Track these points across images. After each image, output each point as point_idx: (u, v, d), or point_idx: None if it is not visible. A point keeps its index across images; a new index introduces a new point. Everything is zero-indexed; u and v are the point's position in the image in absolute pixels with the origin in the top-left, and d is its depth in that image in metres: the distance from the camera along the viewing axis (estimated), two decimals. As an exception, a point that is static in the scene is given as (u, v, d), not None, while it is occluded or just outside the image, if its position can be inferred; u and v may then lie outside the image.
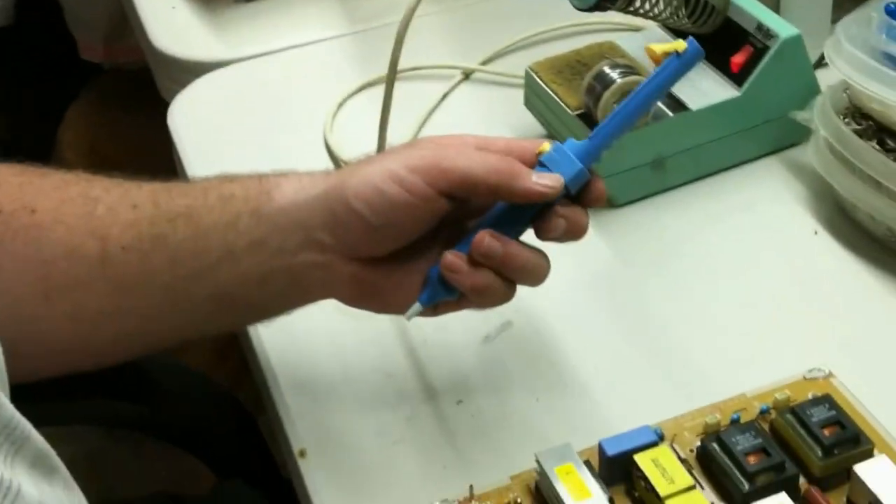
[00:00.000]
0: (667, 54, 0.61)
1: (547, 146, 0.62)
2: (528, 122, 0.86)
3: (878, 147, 0.74)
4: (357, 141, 0.81)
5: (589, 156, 0.62)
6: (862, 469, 0.58)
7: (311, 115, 0.91)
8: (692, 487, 0.58)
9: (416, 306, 0.62)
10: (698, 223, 0.80)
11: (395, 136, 0.79)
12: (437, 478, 0.63)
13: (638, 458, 0.59)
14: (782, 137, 0.84)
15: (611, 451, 0.60)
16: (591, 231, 0.64)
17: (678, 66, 0.61)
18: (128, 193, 0.62)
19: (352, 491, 0.63)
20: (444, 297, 0.62)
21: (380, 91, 0.78)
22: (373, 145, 0.78)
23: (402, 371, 0.70)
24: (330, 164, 0.87)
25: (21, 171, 0.62)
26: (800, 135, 0.84)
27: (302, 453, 0.65)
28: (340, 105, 0.92)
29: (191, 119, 0.94)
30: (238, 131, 0.91)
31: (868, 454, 0.60)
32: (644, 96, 0.62)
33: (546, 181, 0.60)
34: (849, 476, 0.59)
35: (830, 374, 0.66)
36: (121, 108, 1.49)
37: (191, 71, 0.99)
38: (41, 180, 0.62)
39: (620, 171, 0.79)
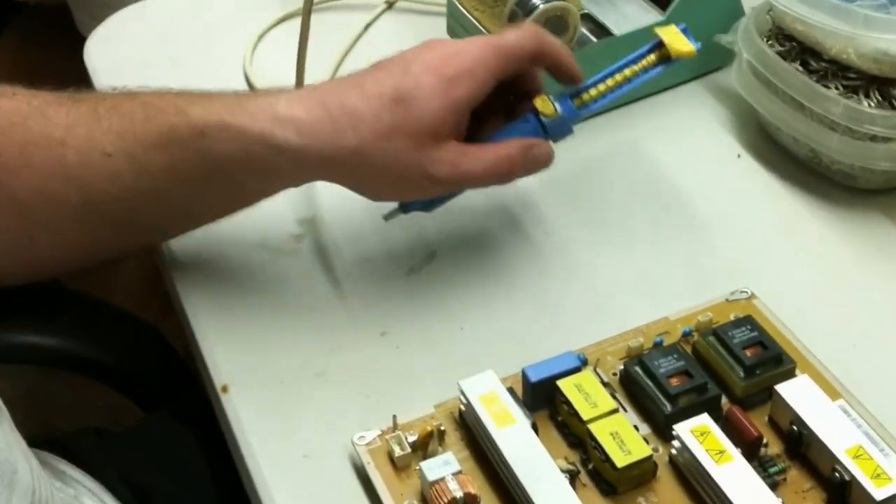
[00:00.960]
0: (679, 56, 0.68)
1: (549, 106, 0.67)
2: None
3: (800, 69, 0.73)
4: (277, 74, 0.79)
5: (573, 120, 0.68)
6: (783, 388, 0.58)
7: (231, 49, 0.89)
8: (615, 411, 0.58)
9: (396, 209, 0.68)
10: (622, 149, 0.79)
11: (315, 68, 0.78)
12: (361, 409, 0.63)
13: (561, 383, 0.59)
14: (706, 62, 0.84)
15: (534, 377, 0.60)
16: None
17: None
18: (93, 136, 0.62)
19: (275, 424, 0.63)
20: (421, 209, 0.68)
21: (300, 23, 0.76)
22: (293, 78, 0.77)
23: (325, 304, 0.69)
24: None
25: None
26: (724, 59, 0.83)
27: (224, 388, 0.64)
28: (260, 37, 0.90)
29: (108, 54, 0.91)
30: (156, 66, 0.89)
31: (790, 374, 0.60)
32: (639, 81, 0.69)
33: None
34: (770, 395, 0.59)
35: (753, 296, 0.66)
36: (41, 46, 1.45)
37: (108, 5, 0.96)
38: None
39: (544, 99, 0.78)
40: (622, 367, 0.62)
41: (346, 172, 0.64)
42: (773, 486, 0.56)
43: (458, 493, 0.54)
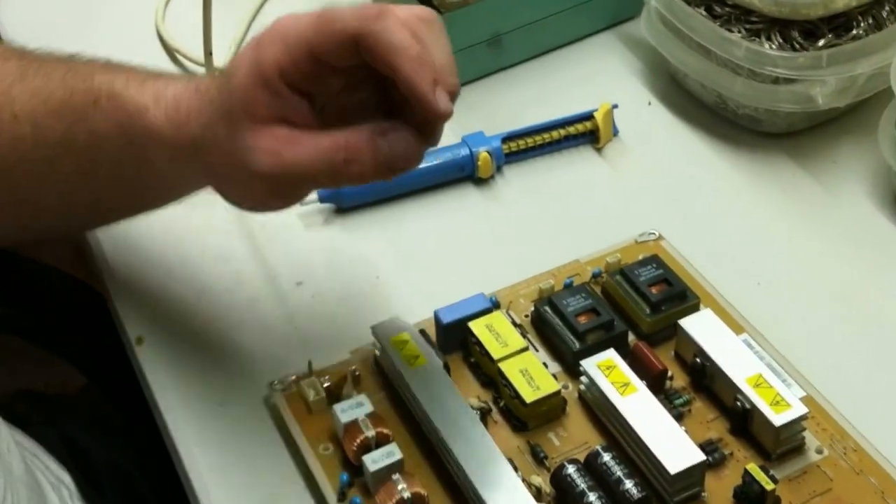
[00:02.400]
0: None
1: None
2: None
3: (705, 14, 0.74)
4: (191, 32, 0.79)
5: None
6: (687, 322, 0.60)
7: (143, 7, 0.89)
8: (525, 349, 0.59)
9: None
10: (535, 100, 0.80)
11: (223, 27, 0.78)
12: (277, 357, 0.63)
13: (472, 324, 0.60)
14: (617, 11, 0.85)
15: (446, 319, 0.61)
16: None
17: None
18: (10, 95, 0.60)
19: (191, 375, 0.63)
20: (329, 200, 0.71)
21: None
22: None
23: (240, 255, 0.69)
24: (164, 56, 0.85)
25: None
26: (634, 8, 0.84)
27: (139, 340, 0.64)
28: (172, -6, 0.90)
29: (20, 14, 0.90)
30: (66, 25, 0.88)
31: (694, 309, 0.62)
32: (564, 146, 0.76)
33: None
34: (676, 331, 0.61)
35: (660, 237, 0.68)
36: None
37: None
38: None
39: (457, 51, 0.78)
40: (533, 308, 0.63)
41: (196, 168, 0.56)
42: (679, 418, 0.57)
43: (371, 433, 0.55)
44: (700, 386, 0.59)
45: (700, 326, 0.60)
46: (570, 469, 0.54)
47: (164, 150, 0.56)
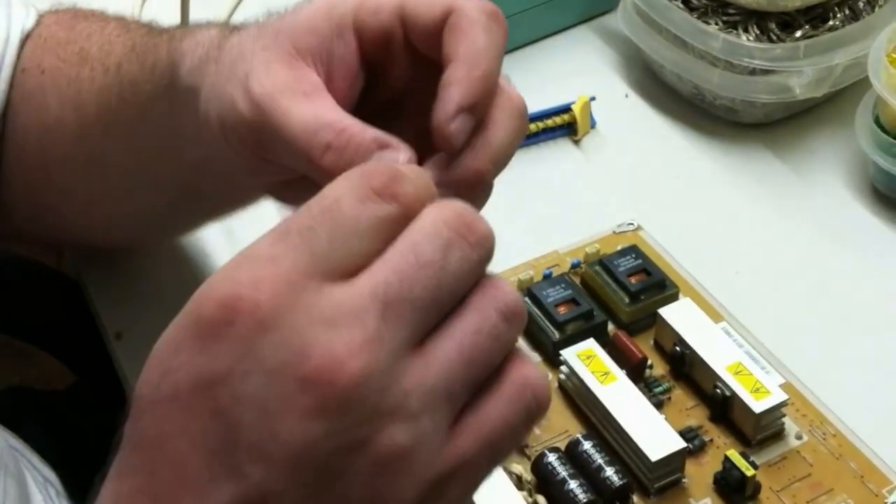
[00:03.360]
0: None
1: None
2: None
3: (682, 6, 0.75)
4: None
5: None
6: (666, 311, 0.60)
7: (119, 5, 0.88)
8: (504, 339, 0.59)
9: None
10: (513, 92, 0.80)
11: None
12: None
13: (451, 315, 0.60)
14: (593, 4, 0.85)
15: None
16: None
17: None
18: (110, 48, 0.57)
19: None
20: None
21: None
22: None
23: (220, 251, 0.69)
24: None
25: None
26: (611, 1, 0.84)
27: (118, 335, 0.64)
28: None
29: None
30: None
31: (673, 298, 0.62)
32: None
33: None
34: (655, 320, 0.61)
35: (639, 228, 0.68)
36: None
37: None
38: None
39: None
40: (512, 299, 0.63)
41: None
42: (659, 405, 0.57)
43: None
44: (680, 374, 0.59)
45: (679, 315, 0.60)
46: (552, 457, 0.54)
47: (183, 96, 0.48)
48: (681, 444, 0.54)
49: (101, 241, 0.66)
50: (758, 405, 0.55)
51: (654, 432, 0.54)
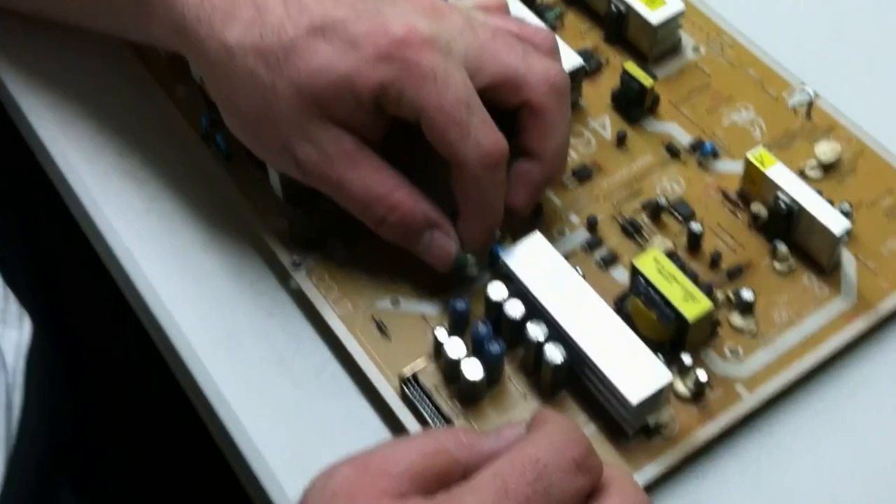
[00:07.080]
0: None
1: None
2: None
3: None
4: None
5: None
6: None
7: None
8: None
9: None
10: None
11: None
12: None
13: None
14: None
15: None
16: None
17: None
18: None
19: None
20: None
21: None
22: None
23: None
24: None
25: None
26: None
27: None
28: None
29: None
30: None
31: None
32: None
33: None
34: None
35: None
36: None
37: None
38: None
39: None
40: None
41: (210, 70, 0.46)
42: (553, 31, 0.55)
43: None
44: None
45: None
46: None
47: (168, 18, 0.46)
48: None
49: None
50: (654, 15, 0.53)
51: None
